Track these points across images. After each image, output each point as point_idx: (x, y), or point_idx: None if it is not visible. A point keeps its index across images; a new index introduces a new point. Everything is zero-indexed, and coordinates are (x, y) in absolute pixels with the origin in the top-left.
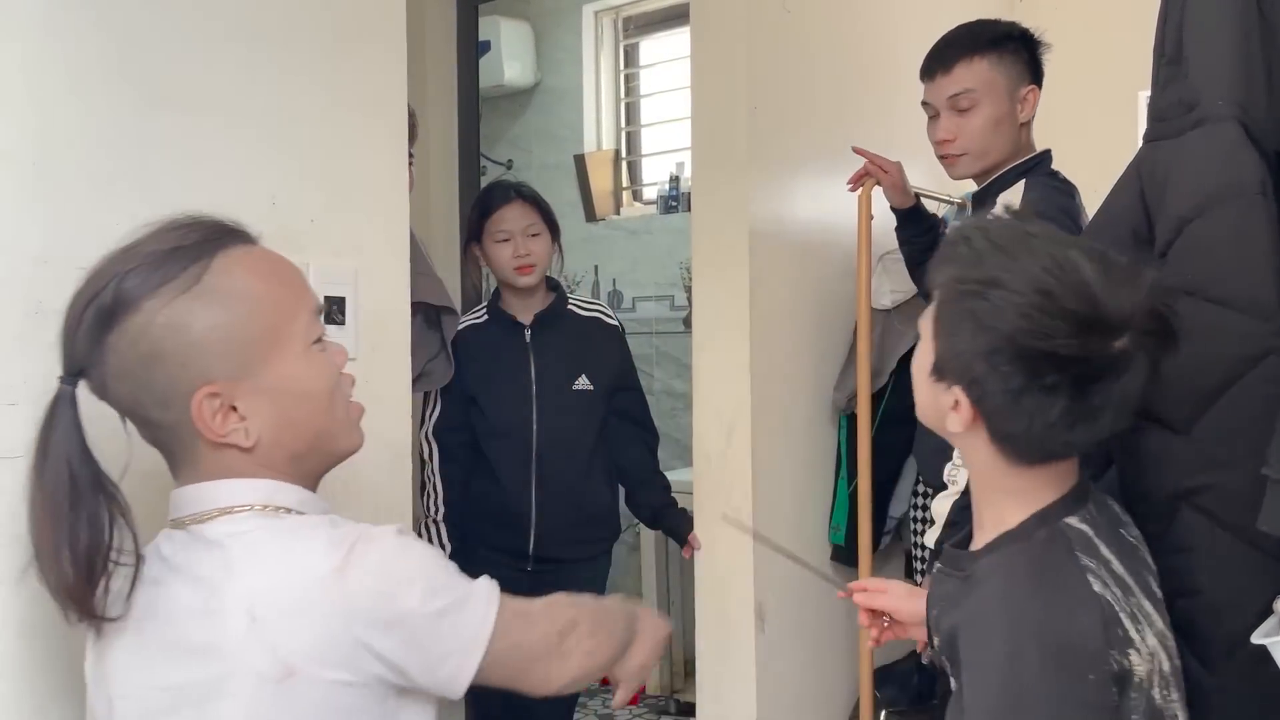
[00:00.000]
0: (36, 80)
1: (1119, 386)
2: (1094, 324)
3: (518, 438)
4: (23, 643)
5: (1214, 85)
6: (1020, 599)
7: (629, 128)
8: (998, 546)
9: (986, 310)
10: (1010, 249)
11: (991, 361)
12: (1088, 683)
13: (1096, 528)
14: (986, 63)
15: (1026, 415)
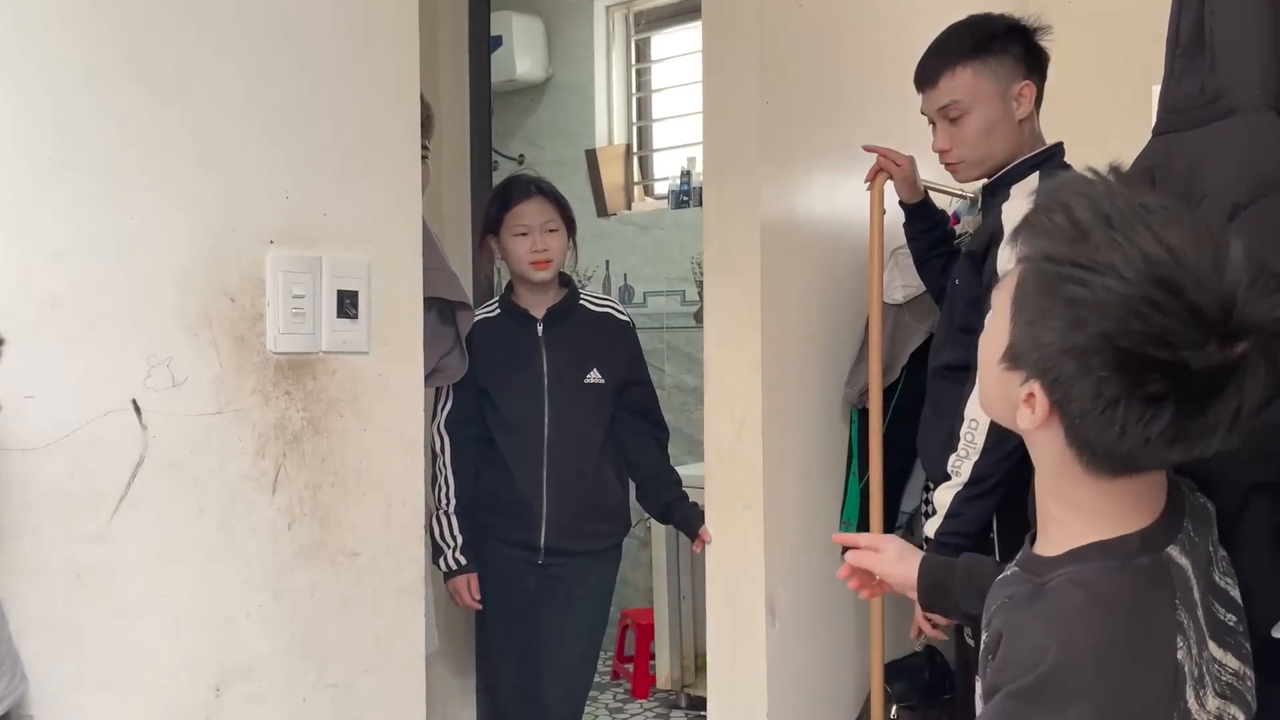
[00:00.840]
0: (52, 74)
1: (1236, 401)
2: (1224, 329)
3: (529, 431)
4: (41, 634)
5: (1246, 74)
6: (1097, 619)
7: (640, 123)
8: (1087, 557)
9: (1086, 300)
10: (1122, 225)
11: (1085, 361)
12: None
13: (1194, 558)
14: (970, 70)
15: (1118, 427)
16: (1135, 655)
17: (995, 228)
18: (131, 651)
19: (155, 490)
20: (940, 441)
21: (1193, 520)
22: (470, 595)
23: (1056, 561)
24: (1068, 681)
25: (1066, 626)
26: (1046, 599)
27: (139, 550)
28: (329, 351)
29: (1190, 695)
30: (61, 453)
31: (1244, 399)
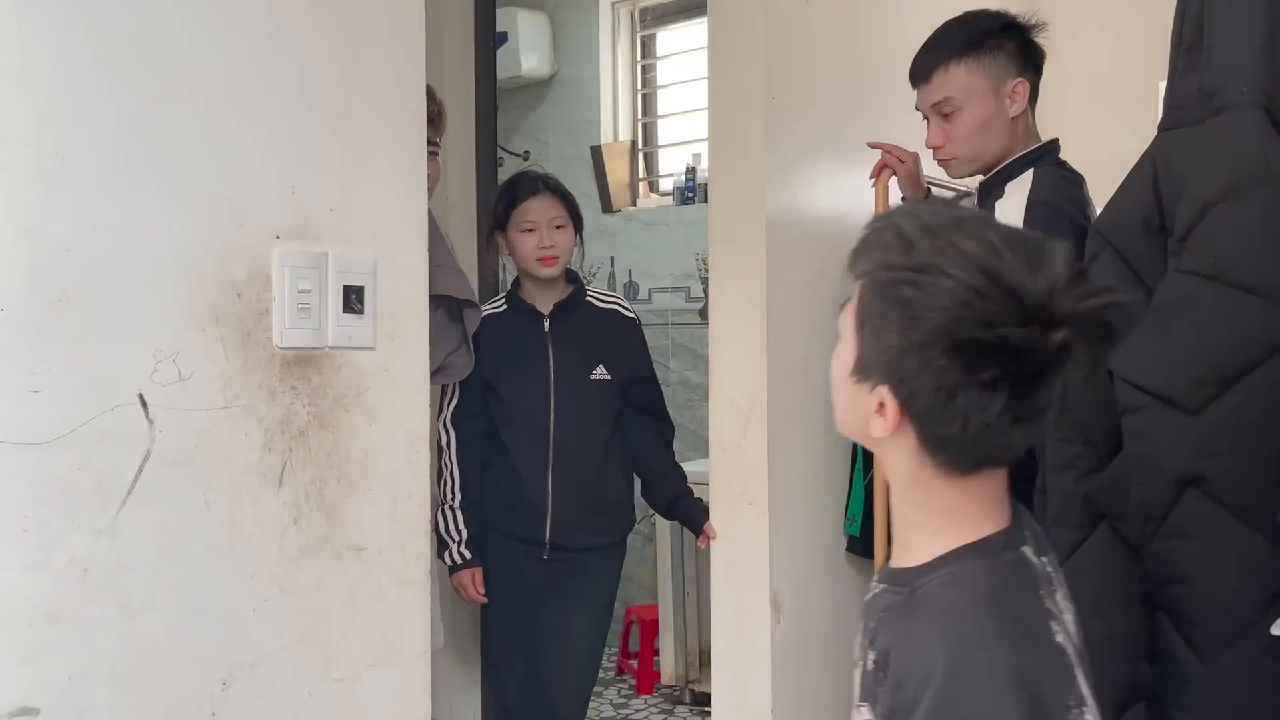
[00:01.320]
0: (60, 68)
1: (1060, 383)
2: (1039, 312)
3: (535, 426)
4: (48, 627)
5: (1237, 72)
6: (982, 614)
7: (645, 119)
8: (955, 559)
9: (919, 298)
10: (944, 232)
11: (924, 355)
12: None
13: (1044, 558)
14: (963, 67)
15: (961, 415)
16: (1023, 642)
17: None
18: (138, 645)
19: (161, 485)
20: None
21: (1034, 540)
22: (475, 589)
23: (924, 569)
24: (973, 692)
25: (953, 627)
26: (926, 605)
27: (145, 544)
28: (335, 346)
29: (1080, 677)
30: (68, 447)
31: (1067, 382)
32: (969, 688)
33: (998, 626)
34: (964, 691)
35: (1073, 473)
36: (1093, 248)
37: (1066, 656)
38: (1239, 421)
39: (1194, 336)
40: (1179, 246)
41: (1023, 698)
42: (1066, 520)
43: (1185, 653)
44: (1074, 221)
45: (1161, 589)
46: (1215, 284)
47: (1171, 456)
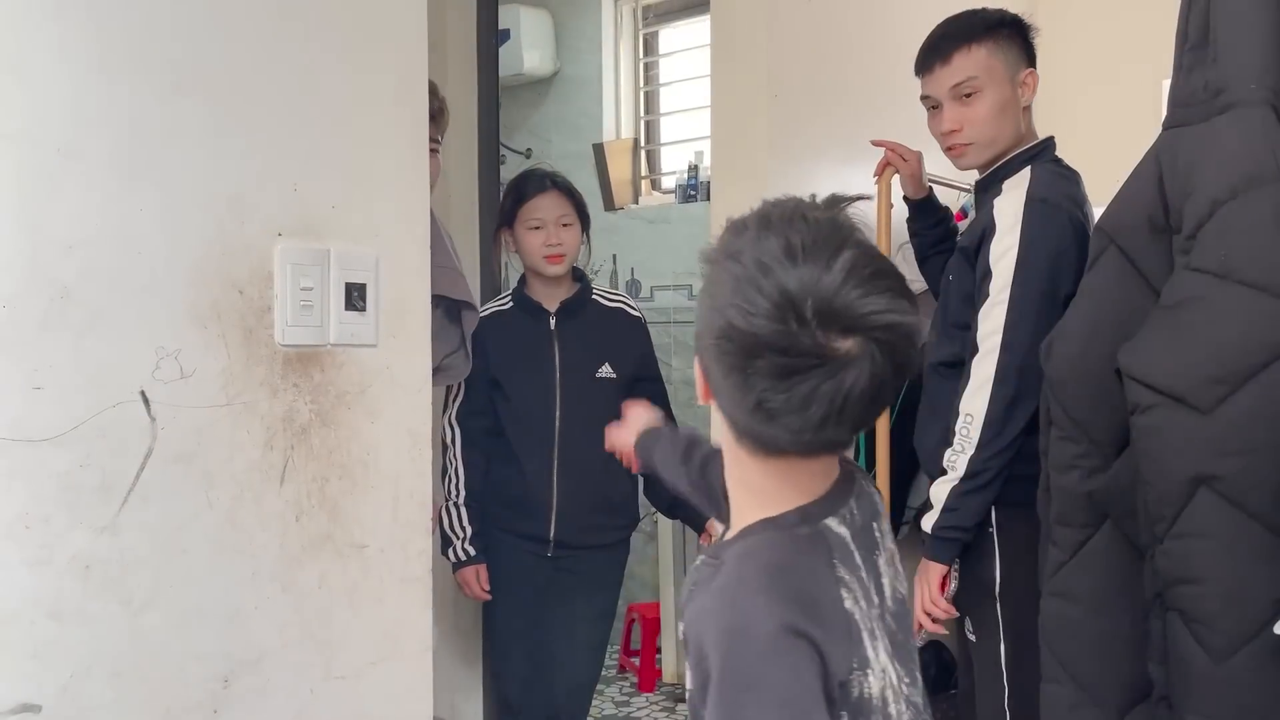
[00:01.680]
0: (62, 66)
1: (830, 389)
2: (797, 312)
3: (540, 424)
4: (50, 624)
5: (1245, 70)
6: (766, 581)
7: (648, 117)
8: (754, 531)
9: (714, 282)
10: (772, 225)
11: (712, 337)
12: (816, 688)
13: (855, 531)
14: (985, 50)
15: (734, 400)
16: (802, 607)
17: (987, 223)
18: (140, 643)
19: (163, 482)
20: (937, 437)
21: (859, 505)
22: (479, 586)
23: (730, 542)
24: (753, 647)
25: (739, 596)
26: (721, 576)
27: (147, 542)
28: (337, 344)
29: (867, 643)
30: (70, 444)
31: (844, 389)
32: (749, 649)
33: (781, 593)
34: (744, 652)
35: (1076, 472)
36: (1097, 246)
37: (854, 622)
38: (1251, 420)
39: (1204, 335)
40: (1187, 244)
41: (796, 657)
42: (1070, 520)
43: (1197, 653)
44: (1072, 218)
45: (1173, 589)
46: (1225, 282)
47: (1183, 456)
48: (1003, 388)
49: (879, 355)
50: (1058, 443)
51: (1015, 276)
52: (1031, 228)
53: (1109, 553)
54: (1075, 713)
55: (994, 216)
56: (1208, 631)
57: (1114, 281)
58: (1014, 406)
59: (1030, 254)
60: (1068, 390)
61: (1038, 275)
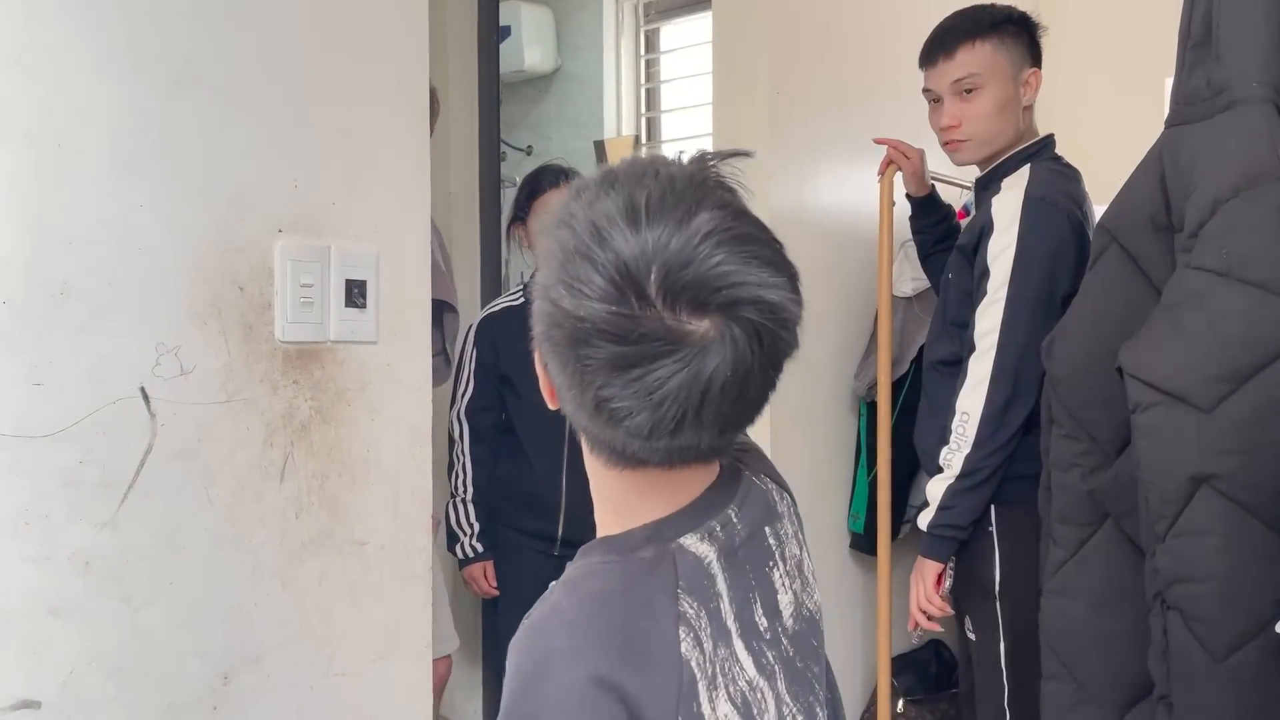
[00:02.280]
0: (64, 61)
1: (683, 381)
2: (637, 286)
3: (550, 421)
4: (51, 621)
5: (1247, 68)
6: (583, 616)
7: (649, 113)
8: (591, 551)
9: (545, 253)
10: (618, 181)
11: (540, 321)
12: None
13: (729, 546)
14: (989, 46)
15: (569, 401)
16: (622, 653)
17: (985, 221)
18: (140, 639)
19: (164, 478)
20: (936, 436)
21: (744, 512)
22: (487, 582)
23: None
24: (549, 695)
25: (550, 630)
26: (541, 604)
27: (148, 538)
28: (337, 341)
29: (702, 695)
30: (70, 440)
31: (703, 381)
32: (543, 696)
33: (594, 633)
34: (537, 697)
35: (1077, 470)
36: (1099, 245)
37: (688, 671)
38: (1252, 419)
39: (1206, 333)
40: (1189, 243)
41: (597, 717)
42: (1071, 518)
43: (1197, 651)
44: (1070, 217)
45: (1173, 588)
46: (1227, 280)
47: (1184, 454)
48: (999, 386)
49: (742, 338)
50: (1059, 441)
51: (1012, 275)
52: (1029, 226)
53: (1110, 551)
54: (1075, 711)
55: (992, 215)
56: (1208, 630)
57: (1116, 280)
58: (1010, 405)
59: (1027, 253)
60: (1069, 388)
61: (1035, 274)
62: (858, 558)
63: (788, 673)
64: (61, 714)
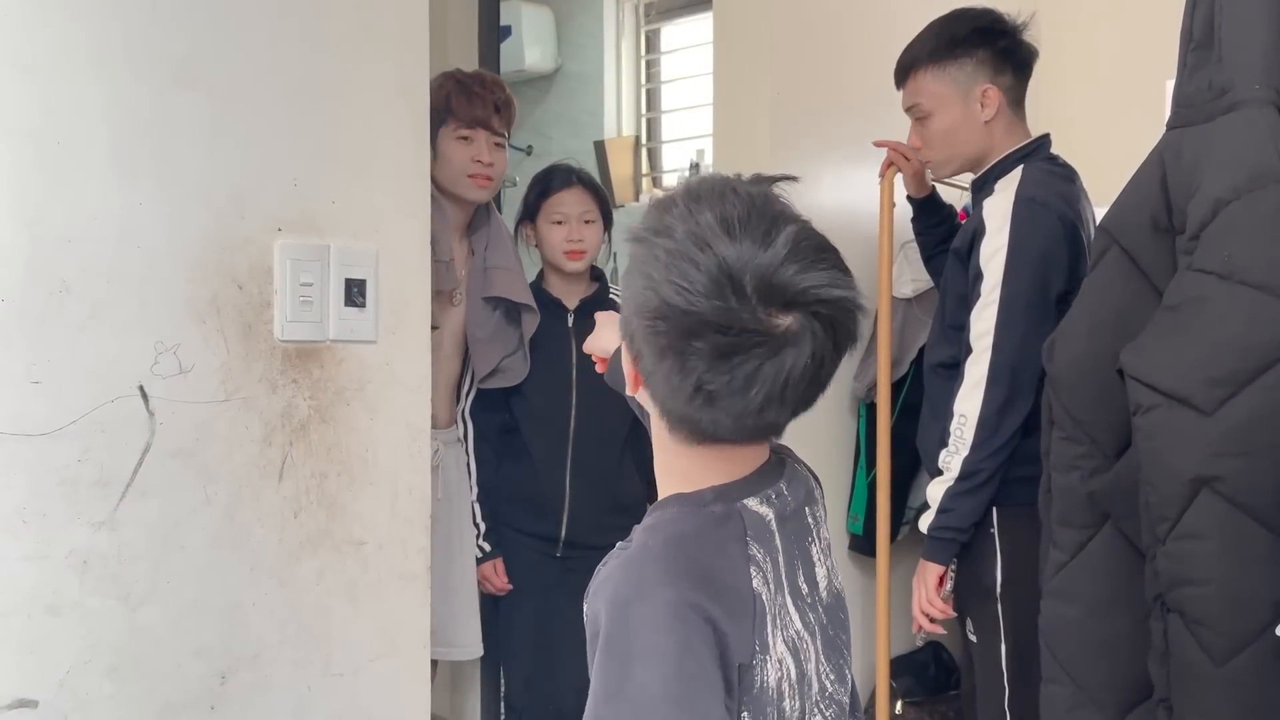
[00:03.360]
0: (63, 59)
1: (773, 369)
2: (735, 286)
3: (555, 422)
4: (48, 619)
5: (1249, 70)
6: (669, 553)
7: (649, 114)
8: (667, 505)
9: (645, 258)
10: (700, 199)
11: (643, 316)
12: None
13: (782, 513)
14: (929, 75)
15: (670, 382)
16: (703, 583)
17: (977, 223)
18: (137, 638)
19: (162, 477)
20: (937, 439)
21: (791, 488)
22: (499, 580)
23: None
24: (646, 616)
25: (639, 564)
26: (627, 550)
27: (146, 537)
28: (336, 340)
29: (769, 628)
30: (69, 438)
31: (786, 368)
32: (639, 616)
33: (680, 566)
34: (634, 619)
35: (1077, 472)
36: (1100, 246)
37: (760, 603)
38: (1253, 421)
39: (1207, 336)
40: (1190, 245)
41: (688, 631)
42: (1071, 520)
43: (1198, 655)
44: (1062, 217)
45: (1174, 590)
46: (1228, 283)
47: (1185, 457)
48: (996, 388)
49: (820, 331)
50: (1059, 443)
51: (1005, 277)
52: (1020, 227)
53: (1110, 554)
54: (1075, 714)
55: (984, 217)
56: (1209, 633)
57: (1117, 282)
58: (1007, 406)
59: (1019, 254)
60: (1070, 390)
61: (1027, 275)
62: (857, 559)
63: (823, 636)
64: (58, 713)
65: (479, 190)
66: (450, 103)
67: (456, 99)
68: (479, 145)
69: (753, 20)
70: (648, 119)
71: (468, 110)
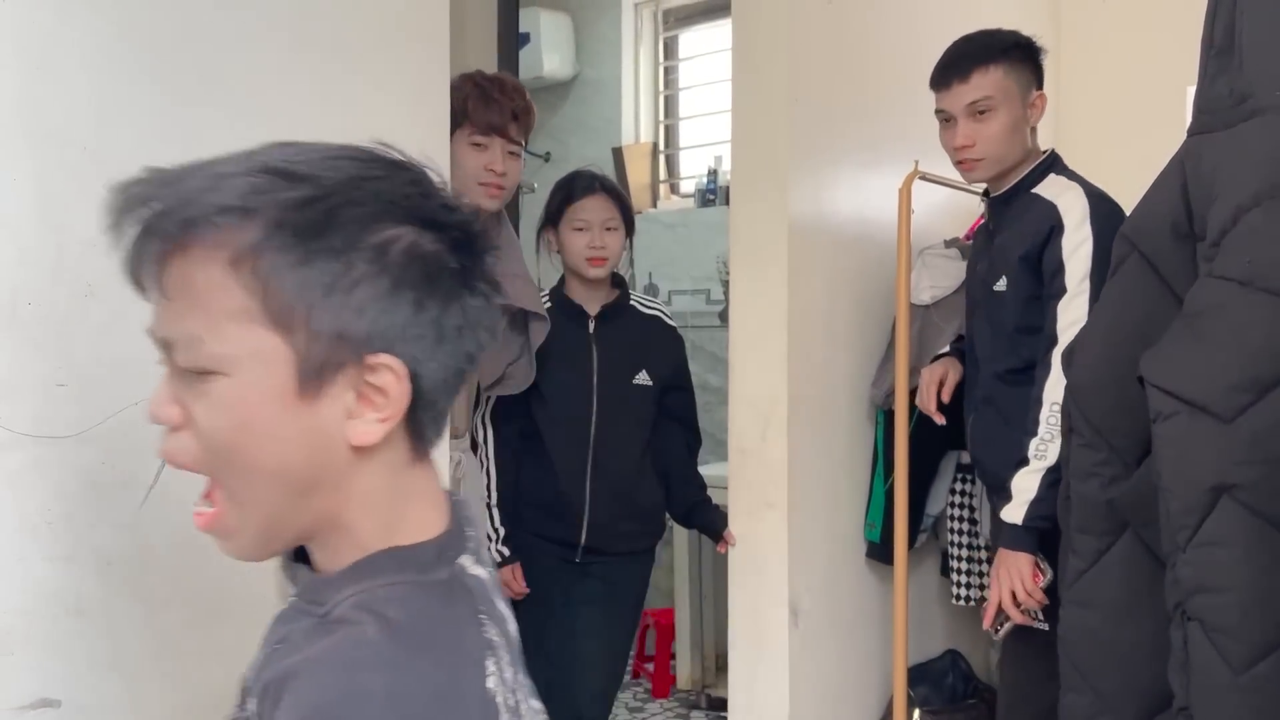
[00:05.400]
0: (90, 68)
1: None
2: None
3: (575, 428)
4: (71, 620)
5: (1270, 76)
6: (385, 663)
7: (667, 121)
8: (376, 570)
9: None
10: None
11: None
12: None
13: (490, 570)
14: (1001, 70)
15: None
16: (440, 698)
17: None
18: (157, 639)
19: (185, 479)
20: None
21: (472, 536)
22: (518, 585)
23: (341, 579)
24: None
25: (355, 668)
26: (331, 634)
27: (167, 540)
28: None
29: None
30: (93, 441)
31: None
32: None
33: (411, 674)
34: None
35: (1097, 480)
36: (1120, 253)
37: (493, 708)
38: (1273, 429)
39: (1228, 343)
40: (1211, 251)
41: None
42: (1090, 528)
43: (1217, 663)
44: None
45: (1194, 598)
46: (1249, 290)
47: (1205, 464)
48: None
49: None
50: (1079, 450)
51: (1094, 266)
52: (1101, 221)
53: (1129, 561)
54: None
55: (1060, 215)
56: (1229, 641)
57: (1137, 288)
58: None
59: (1106, 244)
60: (1089, 397)
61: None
62: (874, 567)
63: None
64: (80, 712)
65: (489, 200)
66: (467, 106)
67: (474, 103)
68: (493, 153)
69: (771, 27)
70: (665, 125)
71: (484, 116)
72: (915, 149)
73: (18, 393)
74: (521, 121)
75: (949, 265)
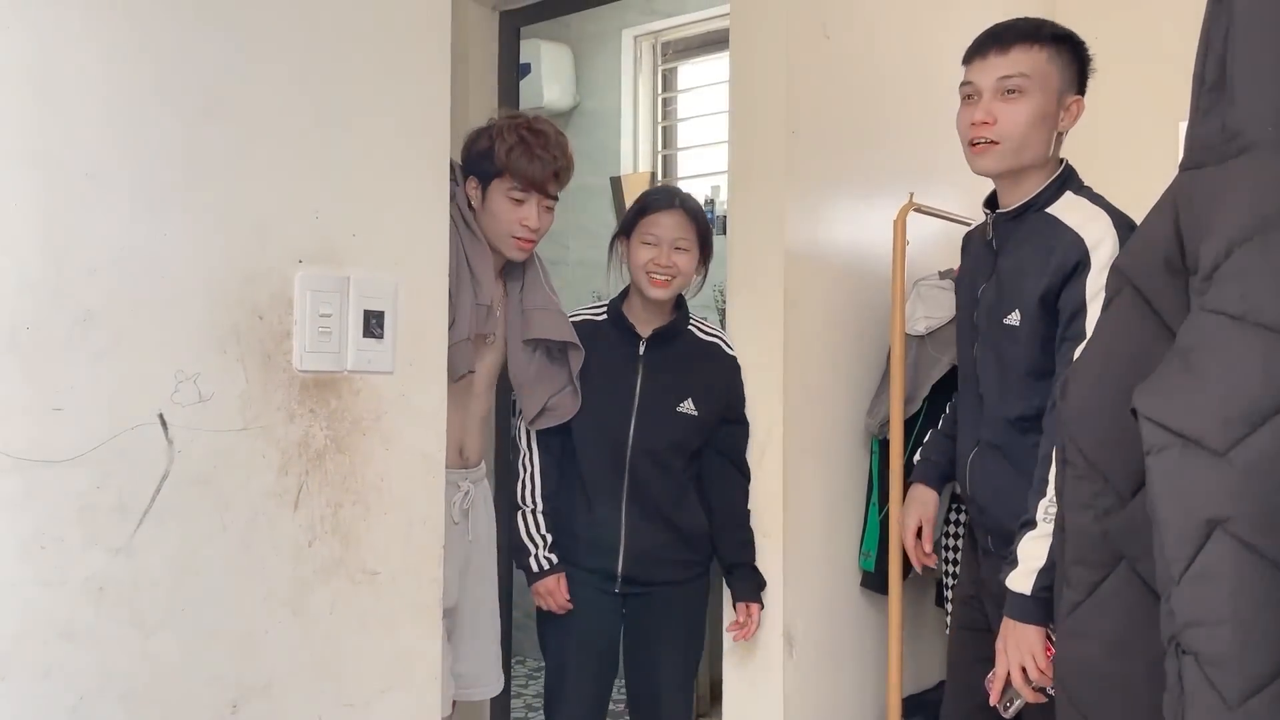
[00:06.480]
0: (91, 90)
1: None
2: None
3: (612, 449)
4: (63, 645)
5: (1263, 112)
6: None
7: (665, 151)
8: None
9: None
10: None
11: None
12: None
13: None
14: (1045, 54)
15: None
16: None
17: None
18: (151, 665)
19: (179, 504)
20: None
21: None
22: (562, 596)
23: None
24: None
25: None
26: None
27: (162, 564)
28: (354, 370)
29: None
30: (88, 465)
31: None
32: None
33: None
34: None
35: (1090, 511)
36: (1113, 286)
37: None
38: (1266, 463)
39: (1220, 376)
40: (1203, 285)
41: None
42: (1085, 560)
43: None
44: None
45: (1188, 631)
46: (1242, 324)
47: (1198, 497)
48: None
49: None
50: (1073, 482)
51: None
52: None
53: (1124, 594)
54: None
55: (1088, 251)
56: (1223, 674)
57: (1130, 322)
58: None
59: None
60: (1083, 429)
61: None
62: (869, 596)
63: None
64: None
65: (518, 252)
66: (510, 157)
67: (518, 155)
68: (529, 208)
69: (768, 59)
70: (664, 156)
71: (526, 172)
72: (911, 181)
73: (14, 416)
74: (561, 178)
75: (943, 296)
